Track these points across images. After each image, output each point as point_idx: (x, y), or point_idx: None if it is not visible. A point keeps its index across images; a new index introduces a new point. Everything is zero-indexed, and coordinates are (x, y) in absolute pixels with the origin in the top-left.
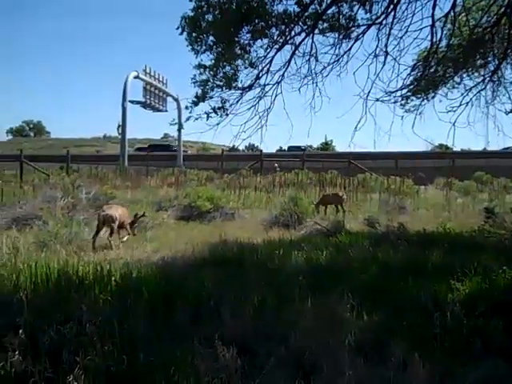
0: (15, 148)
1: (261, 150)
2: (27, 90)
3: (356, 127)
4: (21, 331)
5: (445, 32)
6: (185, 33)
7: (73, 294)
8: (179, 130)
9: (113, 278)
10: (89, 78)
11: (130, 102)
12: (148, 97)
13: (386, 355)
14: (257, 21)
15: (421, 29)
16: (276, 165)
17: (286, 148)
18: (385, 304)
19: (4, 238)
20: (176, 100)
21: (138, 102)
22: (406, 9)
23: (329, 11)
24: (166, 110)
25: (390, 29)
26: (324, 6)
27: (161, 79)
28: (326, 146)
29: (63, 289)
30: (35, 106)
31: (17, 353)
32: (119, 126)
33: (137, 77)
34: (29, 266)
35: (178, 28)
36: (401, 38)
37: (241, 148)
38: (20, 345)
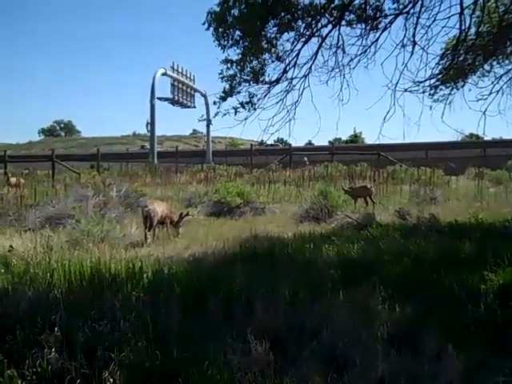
0: (47, 148)
1: (290, 144)
2: (58, 90)
3: (385, 118)
4: (56, 329)
5: (474, 19)
6: (211, 28)
7: (106, 291)
8: (208, 126)
9: (145, 275)
10: (117, 76)
11: (158, 98)
12: (176, 93)
13: (419, 347)
14: (283, 14)
15: (449, 17)
16: (305, 158)
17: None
18: (417, 296)
19: (38, 237)
20: (204, 96)
21: (166, 99)
22: None
23: (355, 2)
24: (195, 106)
25: (418, 18)
26: None
27: (188, 75)
28: (355, 138)
29: (96, 286)
30: (66, 106)
31: (53, 350)
32: (148, 123)
33: (164, 74)
34: (62, 265)
35: (204, 23)
36: (429, 26)
37: (269, 142)
38: (56, 342)
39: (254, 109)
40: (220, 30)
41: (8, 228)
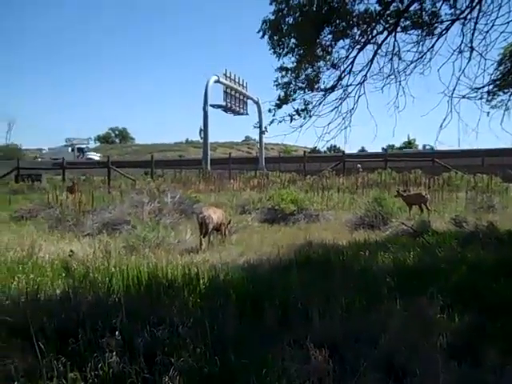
0: (103, 154)
1: (343, 151)
2: (113, 97)
3: (441, 125)
4: (117, 333)
5: None
6: (266, 36)
7: (163, 296)
8: (260, 133)
9: (201, 281)
10: (170, 84)
11: (211, 106)
12: (228, 100)
13: (480, 358)
14: (338, 21)
15: (508, 22)
16: (359, 165)
17: None
18: (476, 305)
19: (96, 242)
20: (256, 103)
21: (218, 106)
22: (492, 2)
23: (411, 8)
24: (247, 113)
25: (476, 23)
26: (406, 3)
27: (241, 82)
28: (409, 144)
29: (154, 291)
30: (120, 114)
31: (114, 353)
32: (201, 130)
33: (217, 81)
34: (121, 270)
35: (259, 31)
36: (487, 32)
37: (322, 149)
38: (117, 346)
39: (310, 116)
40: (275, 38)
41: (67, 233)
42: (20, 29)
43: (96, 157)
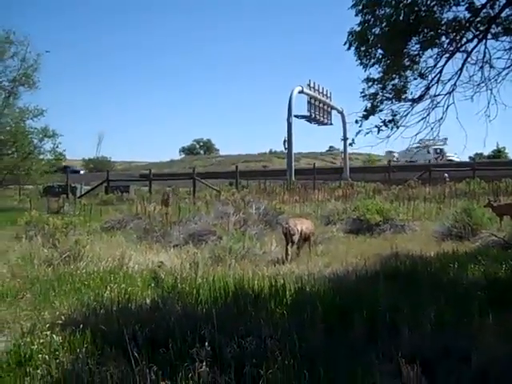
0: (187, 166)
1: (429, 160)
2: (198, 109)
3: None
4: (206, 343)
5: None
6: (352, 47)
7: (250, 307)
8: (344, 143)
9: (287, 293)
10: (254, 95)
11: (295, 116)
12: (312, 111)
13: None
14: (426, 30)
15: None
16: (446, 175)
17: None
18: None
19: (183, 253)
20: (340, 113)
21: (302, 117)
22: None
23: (502, 14)
24: (331, 123)
25: None
26: (497, 9)
27: (325, 93)
28: (498, 153)
29: (240, 303)
30: (205, 125)
31: (204, 364)
32: (285, 140)
33: (301, 91)
34: (208, 281)
35: (345, 43)
36: None
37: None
38: (206, 356)
39: (397, 127)
40: (362, 48)
41: (154, 243)
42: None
43: (454, 157)
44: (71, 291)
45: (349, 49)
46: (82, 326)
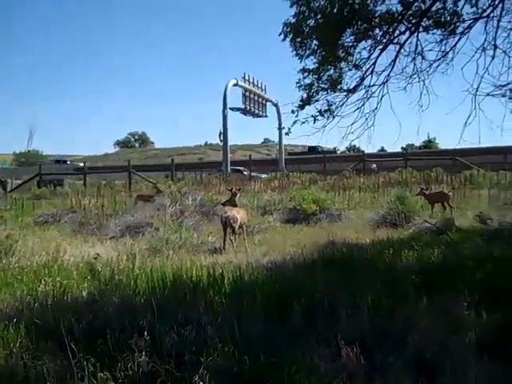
0: (122, 159)
1: (363, 151)
2: (131, 102)
3: (466, 123)
4: (145, 333)
5: None
6: (287, 39)
7: (188, 297)
8: (280, 134)
9: (226, 282)
10: (189, 87)
11: (230, 109)
12: (247, 103)
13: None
14: (360, 23)
15: None
16: (374, 165)
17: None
18: (505, 302)
19: (120, 245)
20: (275, 105)
21: (238, 109)
22: None
23: (433, 8)
24: (266, 115)
25: (499, 21)
26: (428, 3)
27: (259, 85)
28: (429, 143)
29: (179, 292)
30: (139, 118)
31: (143, 353)
32: (221, 133)
33: (236, 84)
34: (145, 271)
35: (280, 34)
36: (510, 29)
37: (341, 149)
38: (145, 346)
39: (333, 117)
40: (297, 40)
41: (90, 236)
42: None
43: None
44: (3, 286)
45: (284, 40)
46: (15, 320)
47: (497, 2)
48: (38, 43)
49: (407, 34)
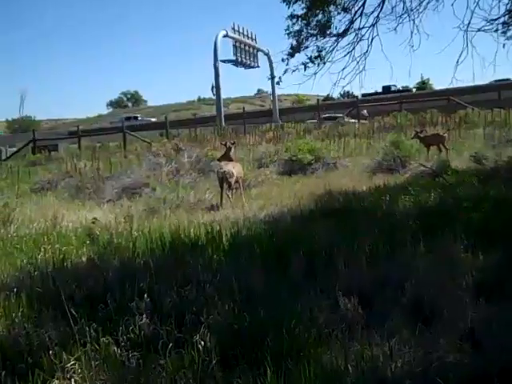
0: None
1: (356, 96)
2: (122, 60)
3: (458, 61)
4: (145, 295)
5: None
6: None
7: (187, 256)
8: (273, 85)
9: (224, 238)
10: (179, 42)
11: (221, 61)
12: (239, 54)
13: (509, 294)
14: None
15: None
16: (364, 111)
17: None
18: (501, 242)
19: (117, 208)
20: (266, 54)
21: (229, 61)
22: None
23: None
24: (258, 66)
25: None
26: None
27: (250, 35)
28: (423, 84)
29: (178, 252)
30: (131, 77)
31: (144, 316)
32: (213, 86)
33: (226, 35)
34: (143, 233)
35: None
36: None
37: (336, 96)
38: (146, 308)
39: (324, 63)
40: None
41: (87, 201)
42: None
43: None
44: (2, 256)
45: None
46: (16, 290)
47: None
48: (24, 5)
49: None
